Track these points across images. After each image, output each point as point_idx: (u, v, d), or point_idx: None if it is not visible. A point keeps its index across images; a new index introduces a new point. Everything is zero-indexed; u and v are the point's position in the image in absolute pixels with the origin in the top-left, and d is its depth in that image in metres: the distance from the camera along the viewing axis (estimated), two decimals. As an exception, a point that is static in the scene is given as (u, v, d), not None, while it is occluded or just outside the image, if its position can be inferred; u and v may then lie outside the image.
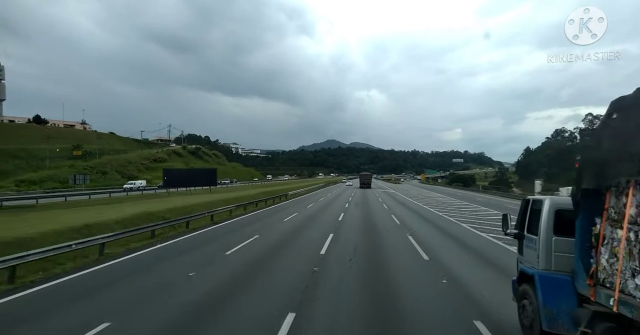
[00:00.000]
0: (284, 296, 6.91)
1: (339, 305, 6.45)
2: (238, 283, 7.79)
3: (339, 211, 24.82)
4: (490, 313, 6.15)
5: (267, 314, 5.94)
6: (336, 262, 9.80)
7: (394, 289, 7.54)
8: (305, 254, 10.89)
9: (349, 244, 12.62)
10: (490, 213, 25.69)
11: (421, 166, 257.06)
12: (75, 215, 17.41)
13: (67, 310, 6.23)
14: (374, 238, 14.41)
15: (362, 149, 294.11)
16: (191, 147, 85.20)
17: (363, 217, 21.91)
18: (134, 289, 7.47)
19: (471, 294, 7.20)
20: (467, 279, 8.31)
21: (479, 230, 16.66)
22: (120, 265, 9.59)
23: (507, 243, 12.67)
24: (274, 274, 8.67)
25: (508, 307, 5.98)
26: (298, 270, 8.93)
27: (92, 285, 7.70)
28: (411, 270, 9.24)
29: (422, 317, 6.03)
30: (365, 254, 11.02)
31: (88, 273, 8.72)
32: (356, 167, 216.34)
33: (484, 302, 6.71)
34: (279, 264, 9.61)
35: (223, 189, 47.24)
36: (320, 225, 17.54)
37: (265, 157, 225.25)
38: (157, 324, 5.58)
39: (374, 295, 7.13)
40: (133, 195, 37.45)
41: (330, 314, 6.03)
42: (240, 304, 6.53)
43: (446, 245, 13.07)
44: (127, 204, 24.10)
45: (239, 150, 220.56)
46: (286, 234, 14.60)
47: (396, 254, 11.20)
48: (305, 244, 12.53)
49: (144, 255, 10.73)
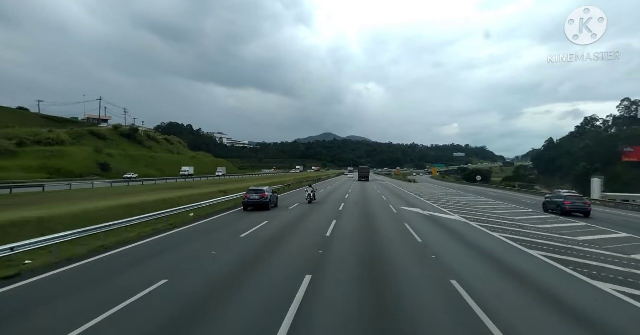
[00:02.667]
0: None
1: None
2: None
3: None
4: None
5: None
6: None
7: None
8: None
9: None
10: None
11: (421, 160, 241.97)
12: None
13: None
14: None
15: (359, 142, 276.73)
16: (126, 128, 63.86)
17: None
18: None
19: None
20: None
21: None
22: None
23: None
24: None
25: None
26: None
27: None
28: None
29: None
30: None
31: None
32: (352, 160, 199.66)
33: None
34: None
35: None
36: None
37: (252, 149, 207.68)
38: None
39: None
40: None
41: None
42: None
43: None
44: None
45: (224, 141, 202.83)
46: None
47: None
48: None
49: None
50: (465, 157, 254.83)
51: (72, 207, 16.73)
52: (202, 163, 72.11)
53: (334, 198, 28.45)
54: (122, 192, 27.71)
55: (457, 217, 18.43)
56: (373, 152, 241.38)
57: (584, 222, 17.96)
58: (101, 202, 19.11)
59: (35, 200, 20.90)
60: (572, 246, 11.54)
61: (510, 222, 17.18)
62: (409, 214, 19.44)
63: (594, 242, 12.31)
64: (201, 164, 70.10)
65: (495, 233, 13.79)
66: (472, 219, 17.75)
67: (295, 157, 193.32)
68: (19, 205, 17.81)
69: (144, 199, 20.69)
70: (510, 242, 12.07)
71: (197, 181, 46.07)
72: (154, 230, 12.91)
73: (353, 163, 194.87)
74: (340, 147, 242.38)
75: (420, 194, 34.52)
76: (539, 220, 18.05)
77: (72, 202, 19.72)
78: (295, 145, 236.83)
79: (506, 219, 18.40)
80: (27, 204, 18.16)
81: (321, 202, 24.69)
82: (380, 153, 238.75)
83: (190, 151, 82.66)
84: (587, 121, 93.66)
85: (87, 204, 18.26)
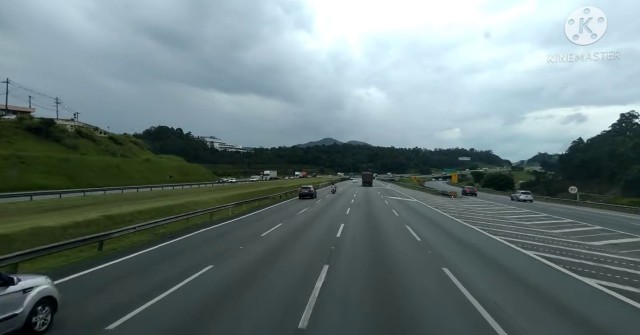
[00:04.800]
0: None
1: None
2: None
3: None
4: None
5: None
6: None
7: None
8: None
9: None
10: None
11: (425, 164, 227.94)
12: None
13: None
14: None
15: (359, 146, 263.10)
16: (35, 121, 47.43)
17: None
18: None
19: None
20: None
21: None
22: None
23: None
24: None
25: None
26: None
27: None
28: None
29: None
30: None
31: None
32: (353, 165, 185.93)
33: None
34: None
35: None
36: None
37: (246, 153, 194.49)
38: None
39: None
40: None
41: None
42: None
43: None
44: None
45: (216, 145, 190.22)
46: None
47: None
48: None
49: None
50: (471, 161, 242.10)
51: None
52: (160, 168, 58.48)
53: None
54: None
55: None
56: (374, 156, 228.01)
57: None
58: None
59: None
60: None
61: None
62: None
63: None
64: (157, 170, 56.63)
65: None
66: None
67: (293, 162, 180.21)
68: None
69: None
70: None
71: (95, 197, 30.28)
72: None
73: (353, 168, 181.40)
74: (340, 152, 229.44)
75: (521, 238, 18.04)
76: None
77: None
78: (293, 150, 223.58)
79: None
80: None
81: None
82: (382, 157, 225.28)
83: (153, 154, 68.93)
84: (625, 118, 79.38)
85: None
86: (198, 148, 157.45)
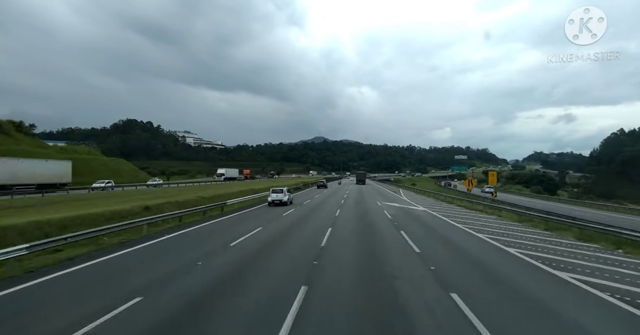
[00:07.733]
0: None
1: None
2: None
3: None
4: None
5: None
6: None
7: None
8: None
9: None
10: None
11: (421, 163, 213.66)
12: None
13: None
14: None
15: (351, 144, 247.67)
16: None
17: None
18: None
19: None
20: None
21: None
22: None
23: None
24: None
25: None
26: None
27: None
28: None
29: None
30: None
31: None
32: (344, 163, 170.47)
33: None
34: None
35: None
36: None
37: (222, 150, 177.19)
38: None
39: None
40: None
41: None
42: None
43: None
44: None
45: (189, 140, 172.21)
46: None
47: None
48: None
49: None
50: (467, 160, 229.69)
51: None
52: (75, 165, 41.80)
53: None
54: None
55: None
56: (367, 154, 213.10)
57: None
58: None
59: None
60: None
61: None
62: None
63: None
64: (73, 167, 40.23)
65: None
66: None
67: (275, 160, 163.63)
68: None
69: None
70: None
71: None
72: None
73: (344, 167, 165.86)
74: (331, 149, 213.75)
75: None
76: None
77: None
78: (279, 147, 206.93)
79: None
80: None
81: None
82: (375, 155, 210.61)
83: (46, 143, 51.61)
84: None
85: None
86: (167, 143, 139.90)
